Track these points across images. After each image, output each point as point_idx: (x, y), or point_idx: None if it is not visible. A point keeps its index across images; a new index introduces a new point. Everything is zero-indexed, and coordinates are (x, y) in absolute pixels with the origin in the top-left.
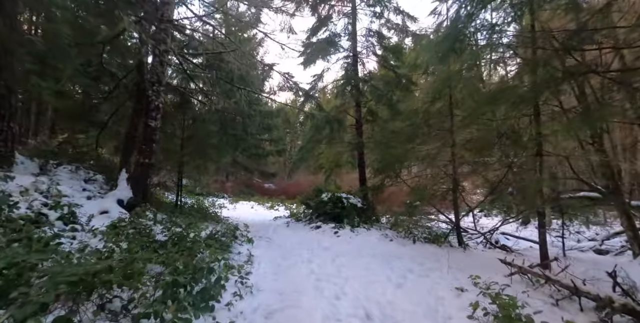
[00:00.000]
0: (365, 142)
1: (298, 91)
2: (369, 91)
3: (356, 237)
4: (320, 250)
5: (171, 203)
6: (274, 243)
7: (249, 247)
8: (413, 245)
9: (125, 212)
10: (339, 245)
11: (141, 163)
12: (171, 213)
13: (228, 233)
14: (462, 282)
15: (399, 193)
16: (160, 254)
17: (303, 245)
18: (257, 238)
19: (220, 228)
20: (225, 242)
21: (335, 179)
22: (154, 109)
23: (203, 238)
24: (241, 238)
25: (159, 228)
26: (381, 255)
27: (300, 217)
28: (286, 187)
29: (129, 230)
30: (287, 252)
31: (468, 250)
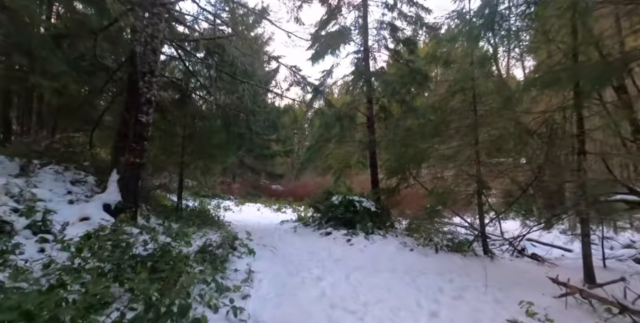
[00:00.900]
0: (378, 140)
1: (306, 86)
2: (381, 87)
3: (371, 246)
4: (331, 263)
5: (173, 206)
6: (279, 254)
7: (250, 260)
8: (436, 255)
9: (110, 218)
10: (352, 256)
11: (131, 162)
12: (166, 218)
13: (225, 243)
14: (510, 309)
15: (414, 197)
16: (130, 279)
17: (312, 257)
18: (260, 248)
19: (216, 238)
20: (221, 255)
21: (345, 181)
22: (146, 102)
23: (194, 251)
24: (241, 249)
25: (145, 239)
26: (403, 269)
27: (308, 222)
28: (294, 188)
29: (105, 241)
30: (294, 266)
31: (495, 259)
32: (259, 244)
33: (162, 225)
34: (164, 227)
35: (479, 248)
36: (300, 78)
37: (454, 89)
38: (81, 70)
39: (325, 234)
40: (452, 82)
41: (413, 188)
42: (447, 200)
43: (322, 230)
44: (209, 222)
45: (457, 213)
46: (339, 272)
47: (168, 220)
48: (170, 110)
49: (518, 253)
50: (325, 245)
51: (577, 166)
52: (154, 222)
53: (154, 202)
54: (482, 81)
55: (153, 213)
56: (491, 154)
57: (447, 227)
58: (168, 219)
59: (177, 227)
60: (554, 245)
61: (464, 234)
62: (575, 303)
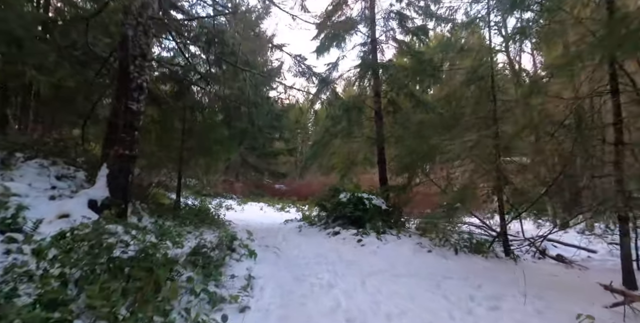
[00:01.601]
0: (387, 136)
1: (311, 77)
2: (389, 80)
3: (385, 247)
4: (343, 267)
5: (172, 205)
6: (283, 257)
7: (250, 264)
8: (456, 257)
9: (94, 215)
10: (366, 259)
11: (120, 155)
12: (159, 217)
13: (222, 244)
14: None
15: (424, 194)
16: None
17: (321, 259)
18: (262, 249)
19: (213, 238)
20: (216, 258)
21: (351, 178)
22: (137, 88)
23: (185, 253)
24: (240, 251)
25: (129, 239)
26: (423, 273)
27: (314, 221)
28: (297, 187)
29: (79, 242)
30: (300, 270)
31: (520, 262)
32: (261, 245)
33: (155, 223)
34: (156, 226)
35: (497, 249)
36: (305, 68)
37: (471, 77)
38: (74, 60)
39: (333, 234)
40: (469, 68)
41: (424, 186)
42: (466, 198)
43: (329, 229)
44: (207, 221)
45: (471, 211)
46: (353, 277)
47: (163, 219)
48: (169, 103)
49: (540, 254)
50: (334, 246)
51: (614, 158)
52: (147, 221)
53: (152, 200)
54: (501, 69)
55: (148, 211)
56: (512, 147)
57: (462, 226)
58: (163, 218)
59: (170, 226)
60: (576, 246)
61: (479, 234)
62: (632, 314)
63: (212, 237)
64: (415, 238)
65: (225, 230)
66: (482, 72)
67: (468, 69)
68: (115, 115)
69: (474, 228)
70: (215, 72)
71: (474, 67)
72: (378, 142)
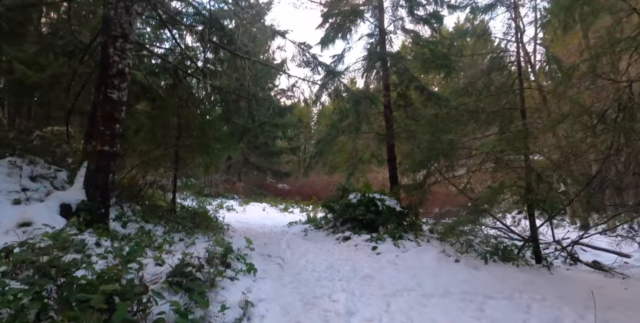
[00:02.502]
0: (397, 131)
1: (317, 67)
2: (399, 72)
3: (405, 256)
4: (360, 283)
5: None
6: (288, 270)
7: (248, 282)
8: (486, 267)
9: (62, 223)
10: (385, 272)
11: (99, 151)
12: (146, 221)
13: (215, 258)
14: None
15: (438, 194)
16: None
17: (332, 273)
18: (264, 260)
19: (204, 249)
20: (206, 279)
21: (358, 178)
22: (118, 74)
23: (165, 273)
24: (237, 266)
25: (100, 253)
26: (458, 290)
27: (320, 224)
28: (301, 187)
29: (20, 262)
30: (309, 289)
31: (554, 270)
32: (263, 254)
33: (140, 230)
34: (141, 233)
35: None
36: (310, 57)
37: (494, 64)
38: (58, 50)
39: (343, 239)
40: (492, 56)
41: (438, 185)
42: (495, 198)
43: (338, 234)
44: (204, 225)
45: (494, 215)
46: (374, 298)
47: (154, 224)
48: (163, 97)
49: (571, 260)
50: (346, 254)
51: None
52: (133, 227)
53: (147, 202)
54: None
55: (141, 215)
56: (541, 141)
57: (481, 230)
58: (154, 222)
59: (156, 234)
60: (609, 250)
61: (498, 237)
62: None
63: (205, 247)
64: (435, 244)
65: (219, 239)
66: (507, 59)
67: (490, 56)
68: (95, 106)
69: (492, 232)
70: (212, 61)
71: (497, 53)
72: (388, 138)
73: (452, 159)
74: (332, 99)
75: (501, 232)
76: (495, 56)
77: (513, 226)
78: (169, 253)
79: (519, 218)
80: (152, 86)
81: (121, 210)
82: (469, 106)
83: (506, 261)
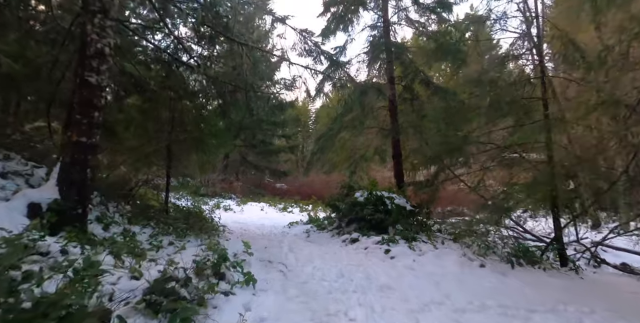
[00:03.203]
0: (404, 126)
1: (319, 56)
2: (404, 64)
3: (423, 261)
4: (379, 295)
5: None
6: (293, 278)
7: (247, 297)
8: (514, 273)
9: (26, 225)
10: (404, 280)
11: (75, 143)
12: (136, 223)
13: (206, 269)
14: None
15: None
16: None
17: (345, 283)
18: (264, 267)
19: (191, 260)
20: (193, 297)
21: (361, 176)
22: (96, 54)
23: (142, 290)
24: (232, 276)
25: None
26: (493, 302)
27: (323, 224)
28: (299, 186)
29: None
30: (321, 304)
31: (582, 274)
32: (263, 260)
33: (124, 233)
34: (124, 237)
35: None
36: (312, 45)
37: (510, 52)
38: (39, 37)
39: (351, 241)
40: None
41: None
42: (522, 195)
43: (344, 235)
44: (198, 226)
45: (513, 219)
46: (398, 314)
47: (142, 226)
48: (155, 90)
49: (595, 262)
50: (356, 259)
51: None
52: (117, 230)
53: (138, 202)
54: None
55: (127, 215)
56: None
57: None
58: (143, 224)
59: (138, 238)
60: (631, 251)
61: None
62: None
63: (195, 254)
64: (453, 246)
65: (213, 244)
66: (526, 46)
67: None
68: (73, 92)
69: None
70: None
71: (514, 39)
72: (393, 133)
73: (467, 154)
74: (336, 89)
75: (514, 232)
76: (513, 42)
77: (525, 225)
78: (152, 261)
79: (524, 217)
80: (142, 78)
81: (105, 211)
82: (483, 97)
83: (531, 264)
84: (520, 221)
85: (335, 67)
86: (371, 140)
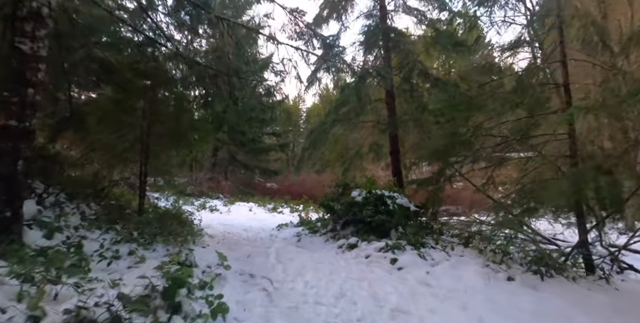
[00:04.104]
0: (404, 119)
1: (312, 39)
2: (403, 53)
3: (437, 272)
4: None
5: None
6: (279, 302)
7: None
8: (544, 285)
9: None
10: (421, 301)
11: (1, 127)
12: (86, 228)
13: (154, 298)
14: None
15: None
16: None
17: (347, 307)
18: (243, 283)
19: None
20: None
21: (355, 174)
22: (31, 15)
23: None
24: (192, 307)
25: None
26: None
27: (316, 227)
28: (290, 186)
29: None
30: None
31: (613, 283)
32: (243, 273)
33: (66, 242)
34: (67, 247)
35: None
36: (303, 27)
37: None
38: None
39: (348, 247)
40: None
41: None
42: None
43: (341, 240)
44: (173, 230)
45: (521, 223)
46: None
47: (104, 230)
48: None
49: (619, 268)
50: (357, 271)
51: None
52: (65, 236)
53: (113, 203)
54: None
55: (92, 218)
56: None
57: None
58: (106, 228)
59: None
60: None
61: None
62: None
63: (141, 276)
64: (465, 252)
65: (177, 256)
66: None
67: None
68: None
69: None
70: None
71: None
72: (391, 127)
73: (476, 148)
74: (331, 75)
75: (524, 235)
76: (527, 23)
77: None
78: (91, 281)
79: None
80: (113, 64)
81: (59, 213)
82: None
83: (557, 273)
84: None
85: (329, 51)
86: (367, 136)
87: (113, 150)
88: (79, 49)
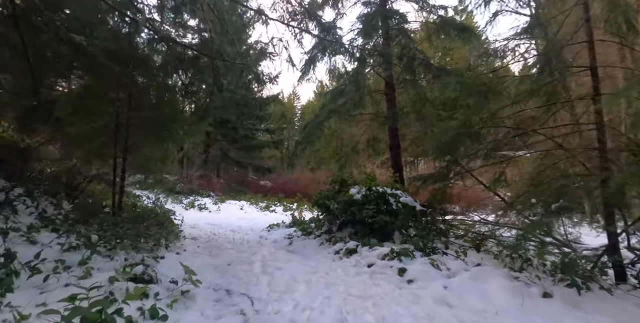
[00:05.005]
0: (405, 111)
1: (306, 20)
2: (406, 37)
3: (457, 287)
4: None
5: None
6: None
7: None
8: (585, 301)
9: None
10: None
11: None
12: (49, 229)
13: None
14: None
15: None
16: None
17: None
18: (215, 304)
19: None
20: None
21: (352, 171)
22: None
23: None
24: None
25: None
26: None
27: (309, 228)
28: (284, 184)
29: None
30: None
31: None
32: (218, 289)
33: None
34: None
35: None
36: (297, 5)
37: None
38: None
39: (346, 253)
40: None
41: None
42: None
43: (337, 244)
44: (145, 232)
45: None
46: None
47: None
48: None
49: None
50: (359, 285)
51: None
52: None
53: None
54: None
55: (53, 218)
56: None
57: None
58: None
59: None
60: None
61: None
62: None
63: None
64: (476, 257)
65: (126, 271)
66: None
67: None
68: None
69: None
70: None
71: None
72: (391, 120)
73: (491, 141)
74: (327, 57)
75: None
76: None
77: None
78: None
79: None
80: (86, 48)
81: (10, 212)
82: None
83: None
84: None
85: (327, 34)
86: (364, 130)
87: (89, 143)
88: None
